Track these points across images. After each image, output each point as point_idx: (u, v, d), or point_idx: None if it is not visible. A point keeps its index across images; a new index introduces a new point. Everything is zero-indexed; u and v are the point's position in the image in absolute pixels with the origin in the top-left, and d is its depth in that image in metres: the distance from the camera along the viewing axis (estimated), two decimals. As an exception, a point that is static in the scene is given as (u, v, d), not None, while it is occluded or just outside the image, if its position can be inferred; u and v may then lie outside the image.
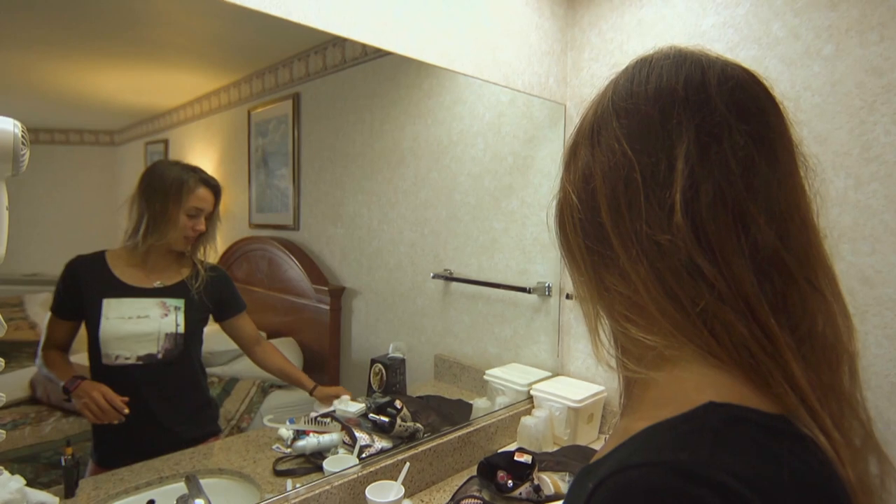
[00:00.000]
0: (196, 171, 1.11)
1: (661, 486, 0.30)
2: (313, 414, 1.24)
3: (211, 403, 1.24)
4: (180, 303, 1.09)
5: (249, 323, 1.24)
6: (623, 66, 0.45)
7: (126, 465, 1.03)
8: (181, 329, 1.08)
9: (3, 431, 0.59)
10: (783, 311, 0.36)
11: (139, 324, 1.04)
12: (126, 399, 0.99)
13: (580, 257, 0.43)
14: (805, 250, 0.38)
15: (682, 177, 0.37)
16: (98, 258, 1.05)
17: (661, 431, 0.35)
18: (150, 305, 1.06)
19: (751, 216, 0.36)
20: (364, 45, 1.15)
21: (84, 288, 1.02)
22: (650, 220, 0.38)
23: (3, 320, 0.56)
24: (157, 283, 1.08)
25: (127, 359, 1.02)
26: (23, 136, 0.53)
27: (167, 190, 1.08)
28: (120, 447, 1.04)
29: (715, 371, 0.37)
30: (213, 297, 1.15)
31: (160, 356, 1.05)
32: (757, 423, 0.34)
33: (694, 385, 0.37)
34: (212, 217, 1.13)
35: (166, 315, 1.07)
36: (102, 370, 1.01)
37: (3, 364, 0.56)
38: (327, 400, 1.28)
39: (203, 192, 1.11)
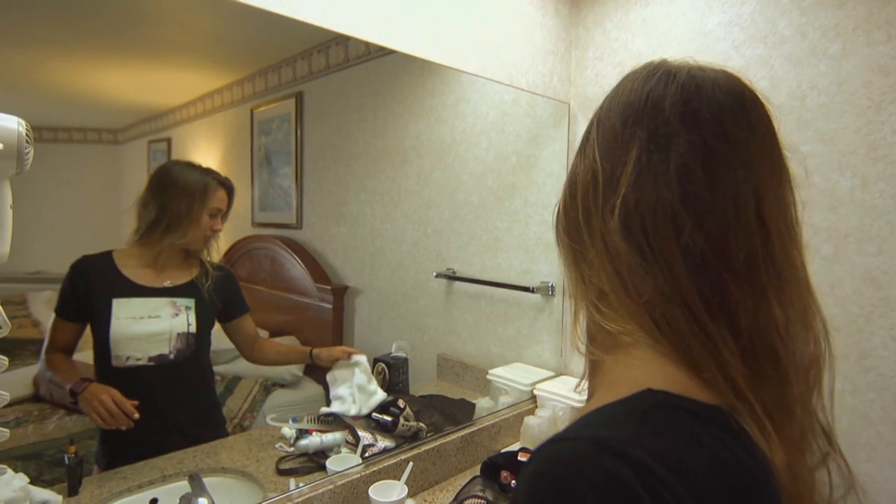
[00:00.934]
0: (212, 173, 1.13)
1: (580, 457, 0.33)
2: (323, 410, 1.24)
3: (220, 405, 1.24)
4: (191, 302, 1.09)
5: (251, 323, 1.25)
6: (627, 66, 0.49)
7: (128, 463, 1.02)
8: (193, 329, 1.08)
9: (7, 430, 0.59)
10: (720, 309, 0.39)
11: (151, 324, 1.04)
12: (136, 403, 0.98)
13: (566, 252, 0.48)
14: (747, 254, 0.39)
15: (627, 183, 0.41)
16: (105, 258, 1.04)
17: (600, 412, 0.38)
18: (161, 305, 1.06)
19: (682, 220, 0.39)
20: (367, 44, 1.15)
21: (92, 288, 1.01)
22: (604, 221, 0.42)
23: (6, 319, 0.56)
24: (167, 283, 1.08)
25: (138, 359, 1.02)
26: (27, 135, 0.52)
27: (192, 191, 1.09)
28: (130, 452, 1.03)
29: (661, 359, 0.40)
30: (221, 296, 1.15)
31: (172, 356, 1.05)
32: (685, 410, 0.37)
33: (640, 372, 0.40)
34: (224, 217, 1.15)
35: (177, 315, 1.07)
36: (112, 372, 1.00)
37: (6, 363, 0.55)
38: (330, 362, 1.26)
39: (222, 194, 1.13)
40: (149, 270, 1.06)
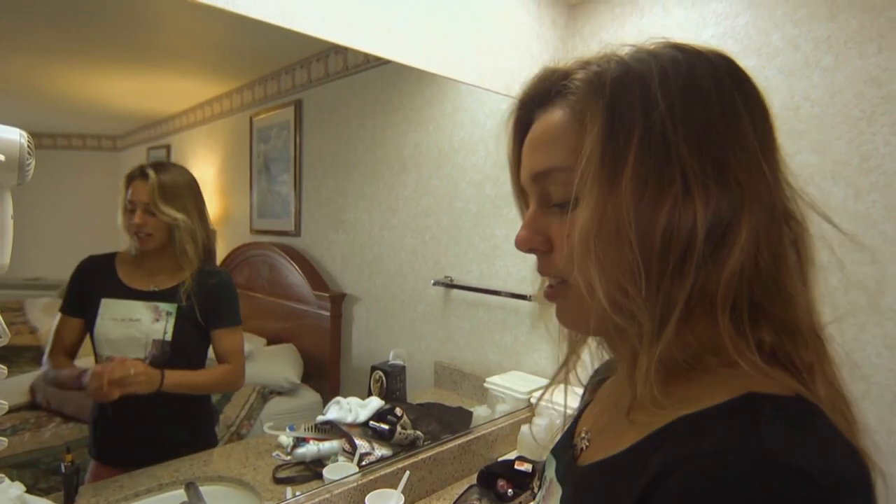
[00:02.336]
0: (141, 166, 1.05)
1: (748, 476, 0.30)
2: (320, 418, 1.24)
3: (207, 413, 1.21)
4: (173, 308, 1.06)
5: (231, 340, 1.15)
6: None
7: (122, 467, 1.03)
8: (168, 337, 1.05)
9: (5, 439, 0.59)
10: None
11: (130, 327, 1.03)
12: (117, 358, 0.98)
13: (664, 303, 0.39)
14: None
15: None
16: (108, 258, 1.06)
17: (709, 419, 0.34)
18: (142, 309, 1.04)
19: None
20: (366, 54, 1.16)
21: (89, 286, 1.03)
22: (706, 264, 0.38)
23: (6, 328, 0.56)
24: (152, 287, 1.07)
25: None
26: (29, 146, 0.53)
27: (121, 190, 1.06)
28: (114, 444, 1.05)
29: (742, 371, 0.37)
30: (205, 303, 1.09)
31: (147, 362, 1.03)
32: (805, 411, 0.35)
33: (723, 384, 0.37)
34: (155, 211, 1.03)
35: (157, 320, 1.05)
36: None
37: (6, 372, 0.56)
38: None
39: (135, 184, 1.03)
40: (141, 273, 1.06)
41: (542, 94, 0.46)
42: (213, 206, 1.36)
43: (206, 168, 1.35)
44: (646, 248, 0.37)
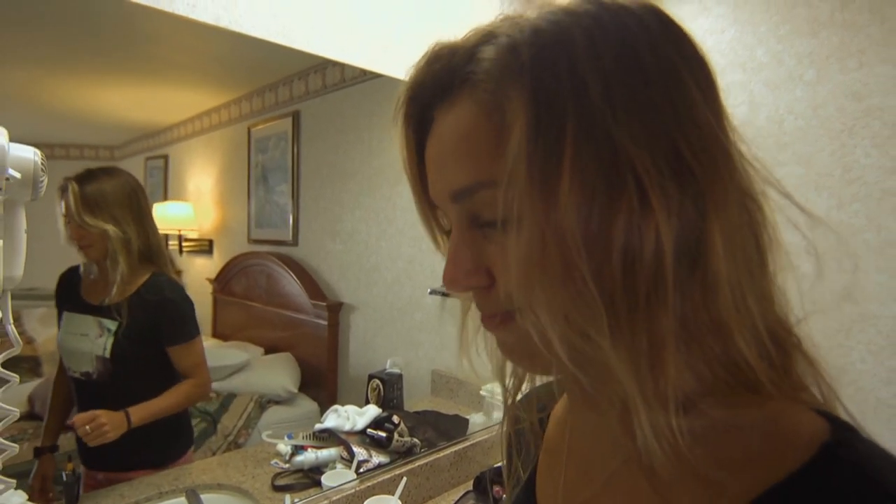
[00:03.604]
0: (65, 178, 1.02)
1: None
2: (318, 426, 1.25)
3: (167, 429, 1.12)
4: (114, 325, 1.02)
5: (187, 356, 1.11)
6: None
7: (102, 469, 1.04)
8: (107, 354, 1.01)
9: (16, 445, 0.60)
10: None
11: (80, 341, 1.02)
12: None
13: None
14: None
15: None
16: (77, 270, 1.05)
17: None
18: (90, 323, 1.03)
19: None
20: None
21: (59, 298, 1.04)
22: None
23: (18, 337, 0.58)
24: (101, 301, 1.04)
25: (74, 373, 1.03)
26: (42, 164, 0.55)
27: None
28: (88, 455, 1.04)
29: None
30: (149, 321, 1.05)
31: (95, 376, 1.02)
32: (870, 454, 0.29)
33: (765, 430, 0.31)
34: (82, 224, 1.00)
35: (100, 336, 1.02)
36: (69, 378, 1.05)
37: (18, 380, 0.57)
38: None
39: (63, 198, 1.00)
40: (97, 285, 1.04)
41: (440, 82, 0.36)
42: (211, 215, 1.37)
43: (204, 178, 1.37)
44: (602, 278, 0.29)
